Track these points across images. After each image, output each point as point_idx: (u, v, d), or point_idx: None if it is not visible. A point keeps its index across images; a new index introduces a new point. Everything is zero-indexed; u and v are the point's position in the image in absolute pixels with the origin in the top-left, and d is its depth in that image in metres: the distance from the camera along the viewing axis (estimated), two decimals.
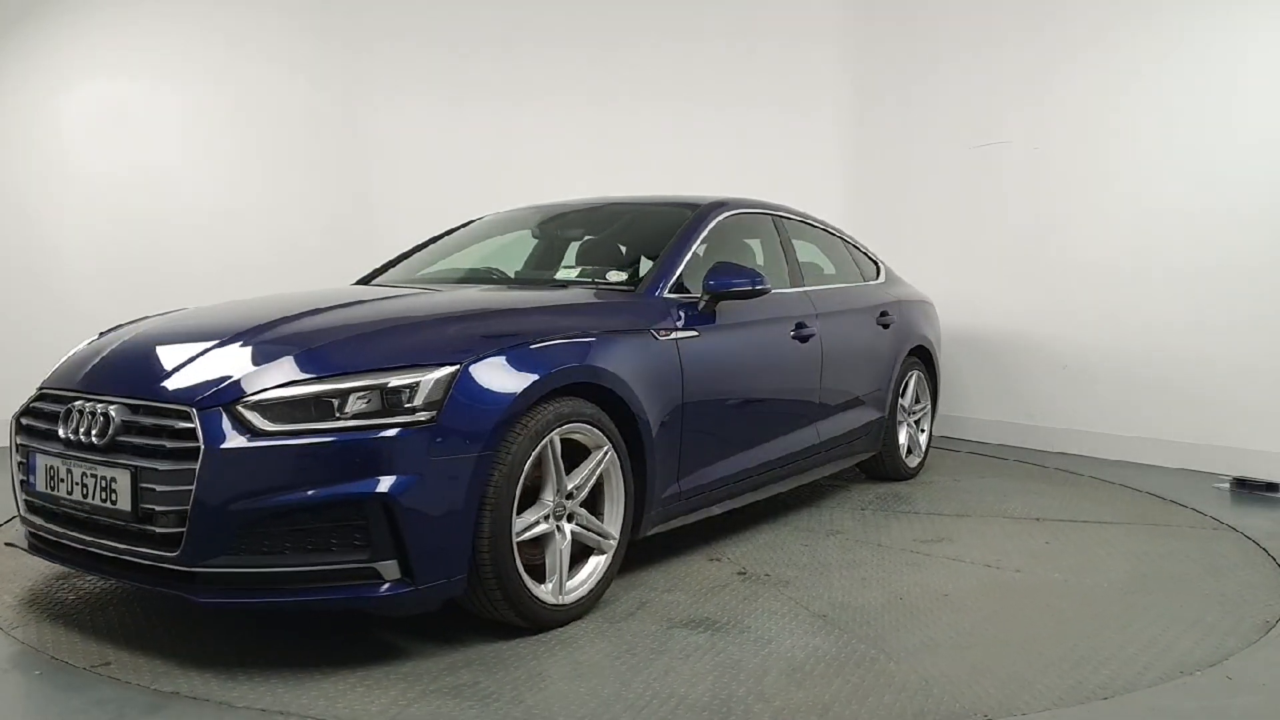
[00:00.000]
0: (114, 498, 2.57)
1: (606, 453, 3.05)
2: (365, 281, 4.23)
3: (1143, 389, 5.68)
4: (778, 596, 3.24)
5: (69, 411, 2.75)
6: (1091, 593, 3.33)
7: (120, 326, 3.26)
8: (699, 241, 3.87)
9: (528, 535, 2.80)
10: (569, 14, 6.96)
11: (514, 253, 4.44)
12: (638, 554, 3.63)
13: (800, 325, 4.16)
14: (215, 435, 2.47)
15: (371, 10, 6.62)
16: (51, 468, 2.75)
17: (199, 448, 2.46)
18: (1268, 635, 2.96)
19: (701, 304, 3.60)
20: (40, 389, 2.96)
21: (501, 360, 2.74)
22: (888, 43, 7.11)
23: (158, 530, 2.51)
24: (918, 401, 5.35)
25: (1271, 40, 5.15)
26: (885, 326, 4.92)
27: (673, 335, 3.41)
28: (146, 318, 3.33)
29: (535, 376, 2.78)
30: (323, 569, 2.49)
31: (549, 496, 2.89)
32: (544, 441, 2.81)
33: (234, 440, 2.47)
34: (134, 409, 2.64)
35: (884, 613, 3.09)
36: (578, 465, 2.99)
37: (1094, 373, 5.91)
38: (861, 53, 7.23)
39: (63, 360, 3.07)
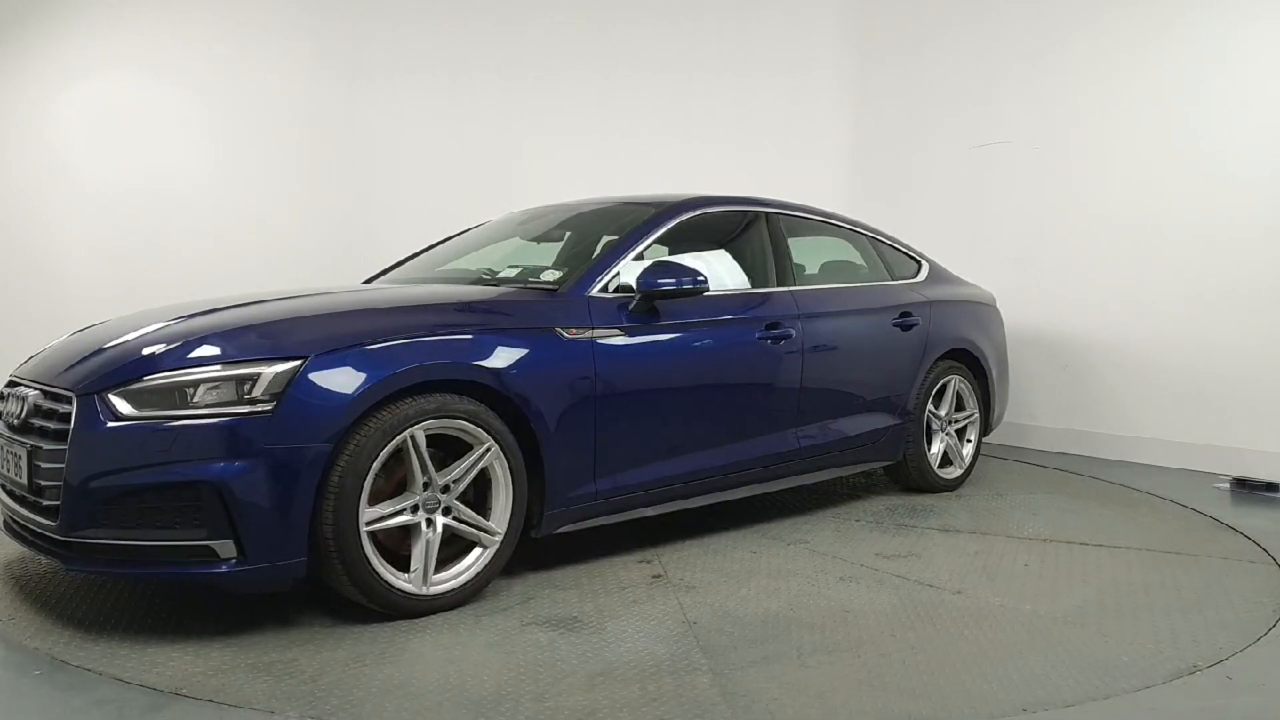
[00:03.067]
0: (20, 473, 2.92)
1: (488, 449, 3.10)
2: (371, 280, 4.48)
3: (1143, 389, 5.67)
4: (667, 601, 3.18)
5: (10, 396, 3.14)
6: (1017, 621, 3.04)
7: (91, 326, 3.65)
8: (651, 240, 3.84)
9: (384, 525, 2.91)
10: (569, 10, 6.93)
11: (526, 253, 4.55)
12: (567, 549, 3.66)
13: (773, 325, 4.02)
14: (84, 418, 2.76)
15: (372, 6, 6.62)
16: None
17: (69, 429, 2.75)
18: (1268, 635, 2.92)
19: (634, 303, 3.57)
20: (9, 377, 3.38)
21: (349, 356, 2.86)
22: (889, 43, 7.02)
23: (44, 502, 2.83)
24: (960, 409, 5.00)
25: (1273, 31, 5.09)
26: (906, 328, 4.64)
27: (589, 334, 3.41)
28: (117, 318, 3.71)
29: (386, 373, 2.88)
30: (171, 545, 2.72)
31: (417, 489, 2.99)
32: (402, 436, 2.91)
33: (98, 423, 2.74)
34: (45, 394, 2.98)
35: (758, 625, 2.96)
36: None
37: (1094, 373, 5.88)
38: (863, 52, 7.16)
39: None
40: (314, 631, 2.87)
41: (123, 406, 2.75)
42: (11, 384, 3.25)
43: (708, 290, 3.66)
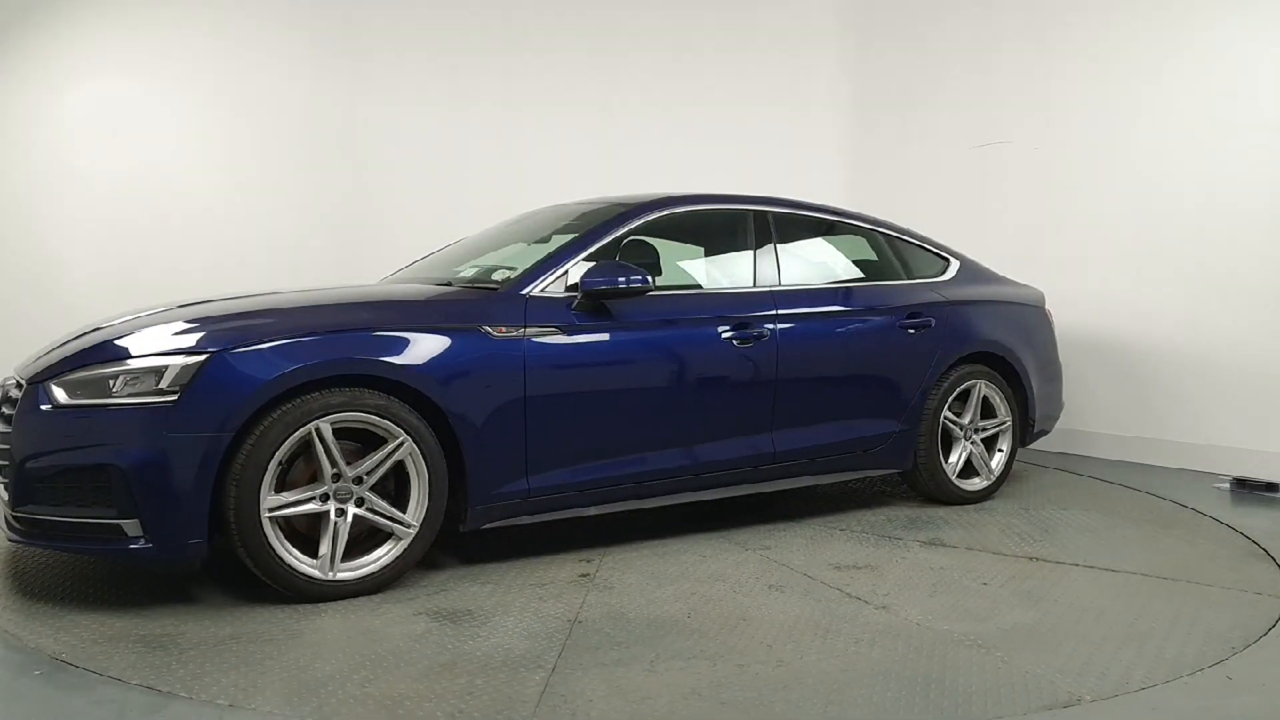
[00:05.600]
0: None
1: (401, 443, 3.20)
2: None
3: (1143, 389, 5.65)
4: (571, 600, 3.17)
5: None
6: (919, 641, 2.85)
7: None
8: (608, 240, 3.83)
9: (289, 513, 3.06)
10: (569, 10, 6.87)
11: (529, 256, 4.63)
12: (513, 544, 3.72)
13: (742, 325, 3.92)
14: (25, 405, 3.06)
15: (371, 7, 6.54)
16: None
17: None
18: (1268, 635, 2.92)
19: (576, 302, 3.59)
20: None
21: (254, 351, 3.03)
22: (888, 44, 7.01)
23: (3, 479, 3.16)
24: (990, 415, 4.69)
25: (1273, 39, 5.02)
26: (915, 330, 4.41)
27: (520, 333, 3.45)
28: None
29: (288, 368, 3.03)
30: (89, 522, 2.97)
31: (325, 479, 3.12)
32: (306, 428, 3.05)
33: (37, 409, 3.03)
34: (16, 385, 3.31)
35: (641, 628, 2.92)
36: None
37: (1094, 373, 5.83)
38: (862, 53, 7.16)
39: None
40: (215, 608, 3.06)
41: (59, 394, 3.03)
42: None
43: (651, 290, 3.62)
